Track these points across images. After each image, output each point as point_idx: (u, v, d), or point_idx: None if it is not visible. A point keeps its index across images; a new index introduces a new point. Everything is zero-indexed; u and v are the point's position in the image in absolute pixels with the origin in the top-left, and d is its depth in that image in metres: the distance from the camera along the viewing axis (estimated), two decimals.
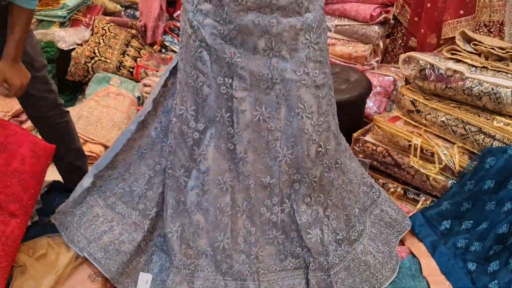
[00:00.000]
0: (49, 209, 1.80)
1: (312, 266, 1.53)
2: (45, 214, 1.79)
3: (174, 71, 1.59)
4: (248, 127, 1.47)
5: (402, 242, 1.81)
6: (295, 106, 1.45)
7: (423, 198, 2.02)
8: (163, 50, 3.19)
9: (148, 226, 1.60)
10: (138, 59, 2.93)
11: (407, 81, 2.21)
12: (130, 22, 3.17)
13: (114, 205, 1.67)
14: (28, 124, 2.30)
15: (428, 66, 1.97)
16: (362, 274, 1.57)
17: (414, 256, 1.74)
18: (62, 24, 3.04)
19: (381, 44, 2.75)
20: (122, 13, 3.33)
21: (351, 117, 2.23)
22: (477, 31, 2.29)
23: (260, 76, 1.42)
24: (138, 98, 2.72)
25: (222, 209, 1.53)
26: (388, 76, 2.61)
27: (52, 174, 2.00)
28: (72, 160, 1.92)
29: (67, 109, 1.88)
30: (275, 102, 1.45)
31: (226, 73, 1.42)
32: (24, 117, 2.30)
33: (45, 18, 3.03)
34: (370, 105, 2.52)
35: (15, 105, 2.30)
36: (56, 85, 1.79)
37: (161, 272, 1.57)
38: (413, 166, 1.97)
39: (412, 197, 2.06)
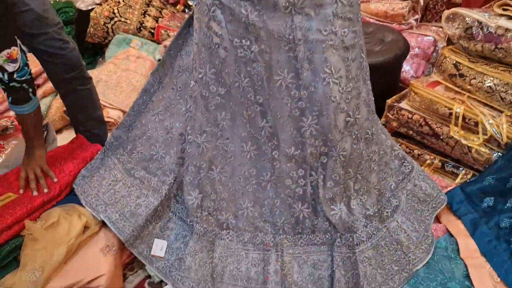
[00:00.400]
0: None
1: (338, 242, 1.43)
2: None
3: (190, 22, 1.45)
4: (269, 94, 1.34)
5: (438, 220, 1.66)
6: (320, 70, 1.29)
7: (463, 171, 1.84)
8: (186, 10, 3.03)
9: (166, 192, 1.53)
10: (160, 19, 2.79)
11: (450, 42, 1.99)
12: None
13: (133, 170, 1.62)
14: (46, 87, 2.23)
15: (476, 24, 1.75)
16: (392, 254, 1.44)
17: (451, 235, 1.59)
18: None
19: (421, 1, 2.51)
20: None
21: (385, 82, 2.04)
22: None
23: (281, 37, 1.26)
24: (159, 61, 2.60)
25: (246, 177, 1.46)
26: (428, 36, 2.38)
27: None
28: (91, 128, 1.89)
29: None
30: (298, 66, 1.29)
31: (243, 34, 1.27)
32: (40, 80, 2.23)
33: None
34: (407, 68, 2.31)
35: (36, 66, 2.24)
36: (76, 45, 1.73)
37: (176, 240, 1.51)
38: (453, 137, 1.79)
39: (450, 170, 1.88)
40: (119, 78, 2.38)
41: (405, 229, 1.51)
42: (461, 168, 1.85)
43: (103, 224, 1.53)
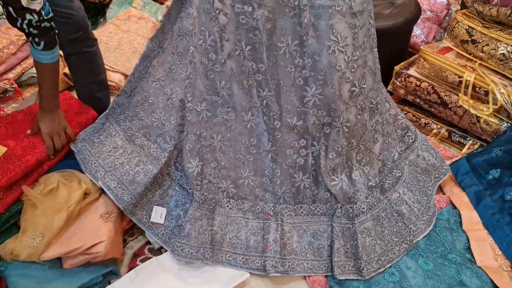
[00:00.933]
0: None
1: (338, 212, 1.43)
2: None
3: None
4: (271, 62, 1.29)
5: (441, 191, 1.64)
6: (326, 37, 1.23)
7: (470, 141, 1.80)
8: None
9: (166, 159, 1.53)
10: None
11: (463, 5, 1.91)
12: None
13: (134, 137, 1.60)
14: None
15: None
16: (393, 225, 1.43)
17: (454, 207, 1.58)
18: None
19: None
20: None
21: (394, 47, 1.97)
22: None
23: (285, 2, 1.20)
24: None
25: (247, 146, 1.45)
26: None
27: None
28: (94, 91, 1.86)
29: None
30: (303, 33, 1.24)
31: (245, 0, 1.22)
32: None
33: None
34: (418, 33, 2.23)
35: None
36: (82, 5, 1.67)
37: (176, 206, 1.52)
38: (462, 106, 1.74)
39: (457, 140, 1.85)
40: (120, 40, 2.32)
41: (406, 200, 1.49)
42: (468, 138, 1.81)
43: (103, 191, 1.52)
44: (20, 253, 1.35)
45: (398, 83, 1.93)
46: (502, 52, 1.67)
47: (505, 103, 1.64)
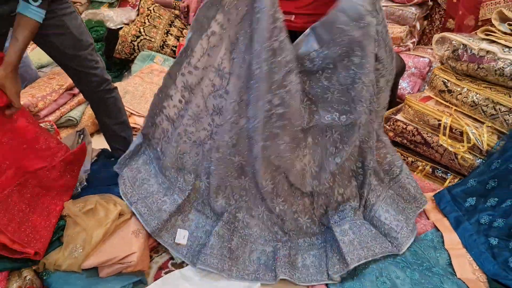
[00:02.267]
0: (96, 175, 1.98)
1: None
2: (93, 179, 1.97)
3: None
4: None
5: (427, 217, 1.88)
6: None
7: (451, 176, 2.06)
8: None
9: (189, 192, 1.74)
10: (181, 38, 3.08)
11: (442, 62, 2.24)
12: (174, 3, 3.32)
13: (164, 169, 1.77)
14: (80, 97, 2.50)
15: (461, 46, 2.00)
16: (374, 237, 1.68)
17: (437, 230, 1.81)
18: (111, 5, 3.23)
19: (418, 26, 2.76)
20: None
21: None
22: None
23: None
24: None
25: (267, 191, 1.69)
26: (424, 57, 2.63)
27: (101, 143, 2.20)
28: (118, 131, 2.07)
29: (115, 84, 2.03)
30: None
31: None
32: (77, 90, 2.49)
33: (96, 0, 3.22)
34: (404, 85, 2.55)
35: (69, 79, 2.50)
36: (104, 62, 1.91)
37: (197, 229, 1.72)
38: (442, 145, 2.02)
39: (440, 175, 2.11)
40: (144, 90, 2.65)
41: (385, 221, 1.72)
42: (449, 174, 2.07)
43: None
44: (62, 263, 1.55)
45: (387, 127, 2.23)
46: (472, 99, 1.97)
47: (477, 141, 1.92)
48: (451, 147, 1.99)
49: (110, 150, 2.17)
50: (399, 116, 2.21)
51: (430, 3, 2.79)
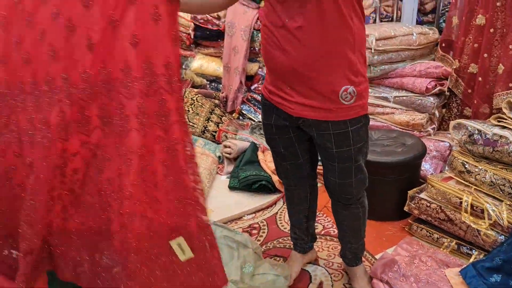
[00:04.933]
0: None
1: None
2: None
3: None
4: None
5: None
6: None
7: (476, 252, 2.17)
8: (241, 118, 3.67)
9: None
10: (220, 124, 3.42)
11: (460, 145, 2.44)
12: (214, 94, 3.71)
13: None
14: None
15: (476, 131, 2.21)
16: None
17: None
18: None
19: (437, 113, 3.01)
20: (207, 86, 3.90)
21: (406, 177, 2.47)
22: None
23: None
24: (219, 157, 3.16)
25: None
26: (444, 141, 2.84)
27: None
28: None
29: None
30: None
31: None
32: None
33: None
34: (427, 167, 2.74)
35: None
36: None
37: None
38: (465, 222, 2.16)
39: (466, 251, 2.22)
40: None
41: None
42: (474, 250, 2.18)
43: None
44: None
45: (412, 205, 2.39)
46: (490, 179, 2.14)
47: (498, 219, 2.06)
48: (474, 223, 2.12)
49: None
50: (422, 195, 2.38)
51: (447, 93, 3.06)
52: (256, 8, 3.42)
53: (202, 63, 3.78)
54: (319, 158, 1.83)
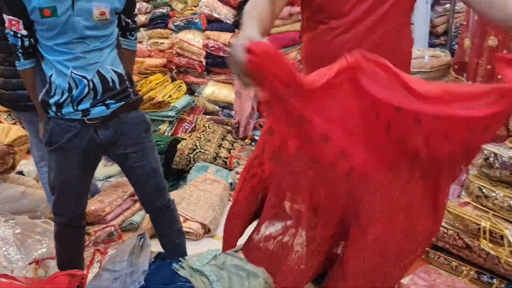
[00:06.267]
0: (153, 275, 2.14)
1: None
2: (150, 279, 2.13)
3: None
4: None
5: None
6: None
7: (497, 281, 2.07)
8: (253, 143, 3.65)
9: None
10: (232, 150, 3.40)
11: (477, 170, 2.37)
12: (226, 120, 3.72)
13: None
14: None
15: (492, 154, 2.15)
16: None
17: None
18: (170, 123, 3.66)
19: None
20: (220, 112, 3.91)
21: None
22: None
23: None
24: (231, 184, 3.14)
25: None
26: None
27: (157, 248, 2.38)
28: (173, 238, 2.26)
29: (170, 193, 2.24)
30: None
31: None
32: None
33: (158, 118, 3.68)
34: None
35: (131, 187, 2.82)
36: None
37: None
38: (484, 249, 2.07)
39: (486, 280, 2.12)
40: (198, 197, 2.91)
41: None
42: (494, 279, 2.08)
43: None
44: None
45: None
46: (508, 204, 2.06)
47: None
48: (493, 250, 2.03)
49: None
50: None
51: None
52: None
53: (214, 89, 3.81)
54: None
